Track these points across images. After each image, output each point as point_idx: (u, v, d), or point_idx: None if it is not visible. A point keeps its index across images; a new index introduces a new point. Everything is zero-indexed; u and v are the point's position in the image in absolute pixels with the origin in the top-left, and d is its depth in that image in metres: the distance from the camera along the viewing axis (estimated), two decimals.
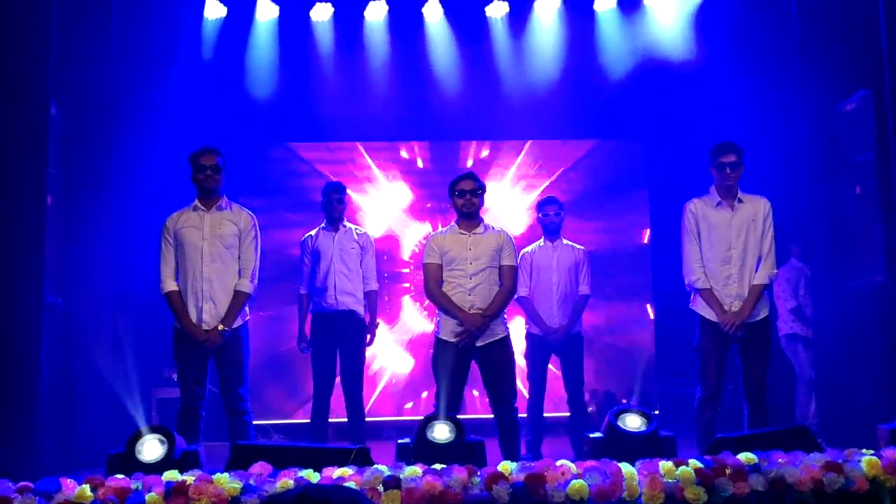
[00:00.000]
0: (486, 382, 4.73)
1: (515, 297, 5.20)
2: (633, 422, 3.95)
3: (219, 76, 7.44)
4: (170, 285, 4.60)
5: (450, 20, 7.70)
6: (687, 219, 4.86)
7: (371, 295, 5.71)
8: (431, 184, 7.94)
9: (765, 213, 4.82)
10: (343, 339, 5.59)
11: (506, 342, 4.70)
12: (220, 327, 4.54)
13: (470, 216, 4.75)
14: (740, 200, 4.83)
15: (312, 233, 5.78)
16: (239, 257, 4.67)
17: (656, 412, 7.43)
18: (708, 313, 4.78)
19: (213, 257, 4.60)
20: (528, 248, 6.01)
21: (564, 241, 5.98)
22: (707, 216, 4.81)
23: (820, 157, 6.35)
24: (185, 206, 4.70)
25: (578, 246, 6.01)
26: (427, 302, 7.02)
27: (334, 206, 5.67)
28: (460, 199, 4.72)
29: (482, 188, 4.77)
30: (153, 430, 3.61)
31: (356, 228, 5.81)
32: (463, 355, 4.63)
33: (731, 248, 4.77)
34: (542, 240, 5.99)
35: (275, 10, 7.50)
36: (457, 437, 3.78)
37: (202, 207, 4.66)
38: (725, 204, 4.81)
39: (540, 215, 5.97)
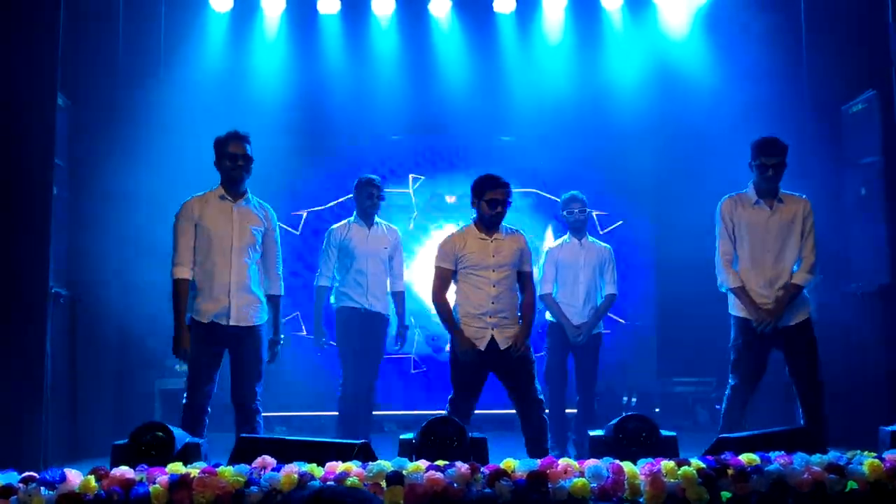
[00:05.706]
0: (510, 386, 4.52)
1: (538, 295, 5.07)
2: None
3: (225, 67, 7.43)
4: (184, 272, 4.26)
5: (457, 15, 7.69)
6: (721, 218, 4.60)
7: (399, 296, 5.58)
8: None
9: (805, 214, 4.54)
10: (367, 335, 5.51)
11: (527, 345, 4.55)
12: (277, 340, 4.50)
13: (495, 225, 4.48)
14: (780, 200, 4.55)
15: (339, 225, 5.64)
16: (264, 255, 4.44)
17: (657, 410, 7.44)
18: (742, 312, 4.55)
19: (244, 252, 4.33)
20: (555, 244, 5.91)
21: (590, 239, 5.85)
22: (742, 215, 4.55)
23: (826, 158, 6.33)
24: (203, 192, 4.42)
25: (605, 245, 5.89)
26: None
27: (370, 202, 5.49)
28: (489, 209, 4.38)
29: (511, 199, 4.44)
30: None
31: (387, 225, 5.65)
32: (481, 366, 4.47)
33: (767, 249, 4.52)
34: (567, 235, 5.84)
35: (282, 3, 7.50)
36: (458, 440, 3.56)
37: (229, 198, 4.35)
38: (764, 203, 4.55)
39: (564, 213, 5.81)
